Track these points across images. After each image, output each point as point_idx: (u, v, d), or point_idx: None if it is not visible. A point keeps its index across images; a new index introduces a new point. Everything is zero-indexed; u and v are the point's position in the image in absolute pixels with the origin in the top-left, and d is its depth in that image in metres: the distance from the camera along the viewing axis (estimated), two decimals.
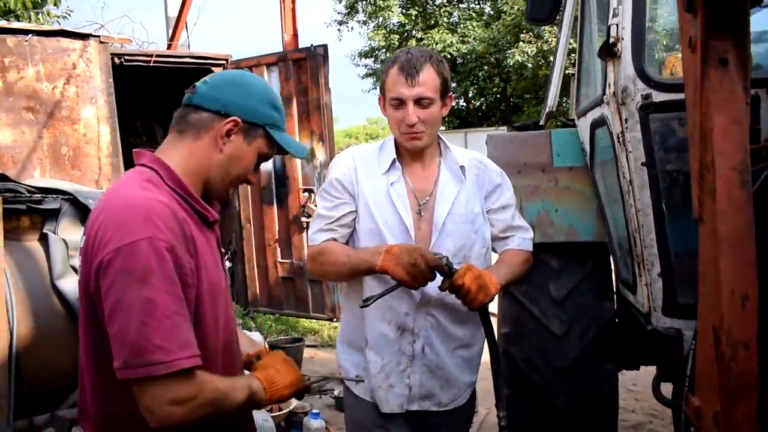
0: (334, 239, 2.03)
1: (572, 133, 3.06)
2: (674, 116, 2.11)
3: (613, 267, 2.95)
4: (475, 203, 2.05)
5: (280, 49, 6.86)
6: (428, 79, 1.91)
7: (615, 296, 3.01)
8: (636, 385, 4.77)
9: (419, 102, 1.91)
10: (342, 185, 2.02)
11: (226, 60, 6.65)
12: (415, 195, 2.02)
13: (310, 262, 2.09)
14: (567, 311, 2.76)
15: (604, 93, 2.30)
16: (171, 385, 1.30)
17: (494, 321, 2.10)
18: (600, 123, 2.48)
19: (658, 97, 2.11)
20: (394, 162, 2.02)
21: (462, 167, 2.04)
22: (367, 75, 21.47)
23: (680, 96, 1.51)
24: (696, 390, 1.45)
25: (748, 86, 1.40)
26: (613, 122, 2.25)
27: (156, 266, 1.30)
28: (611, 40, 2.12)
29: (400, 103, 1.93)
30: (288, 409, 4.16)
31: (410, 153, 2.02)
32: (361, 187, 2.02)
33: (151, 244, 1.31)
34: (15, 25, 4.89)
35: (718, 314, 1.31)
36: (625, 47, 2.10)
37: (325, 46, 6.04)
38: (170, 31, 9.16)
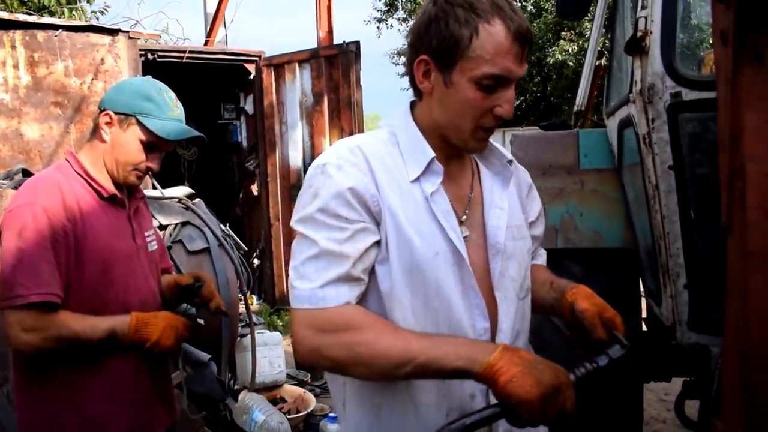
0: (357, 298, 1.27)
1: (601, 134, 2.93)
2: (706, 116, 2.00)
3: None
4: (522, 212, 1.48)
5: (316, 43, 6.87)
6: None
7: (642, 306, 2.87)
8: (668, 395, 4.62)
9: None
10: (360, 200, 1.25)
11: (259, 57, 6.68)
12: (454, 208, 1.34)
13: (309, 339, 1.23)
14: None
15: (630, 91, 2.17)
16: (26, 315, 1.65)
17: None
18: (627, 123, 2.35)
19: (689, 95, 1.98)
20: (431, 163, 1.31)
21: (510, 161, 1.43)
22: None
23: (713, 94, 1.39)
24: (721, 414, 1.38)
25: None
26: (639, 122, 2.12)
27: (30, 223, 1.68)
28: (639, 33, 1.99)
29: (496, 84, 1.24)
30: (306, 412, 4.12)
31: (447, 150, 1.36)
32: (388, 201, 1.27)
33: (30, 207, 1.70)
34: (45, 20, 4.95)
35: (746, 335, 1.23)
36: (654, 41, 1.98)
37: (357, 43, 6.02)
38: (208, 28, 9.29)
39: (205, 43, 8.70)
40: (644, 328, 3.02)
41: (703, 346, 2.03)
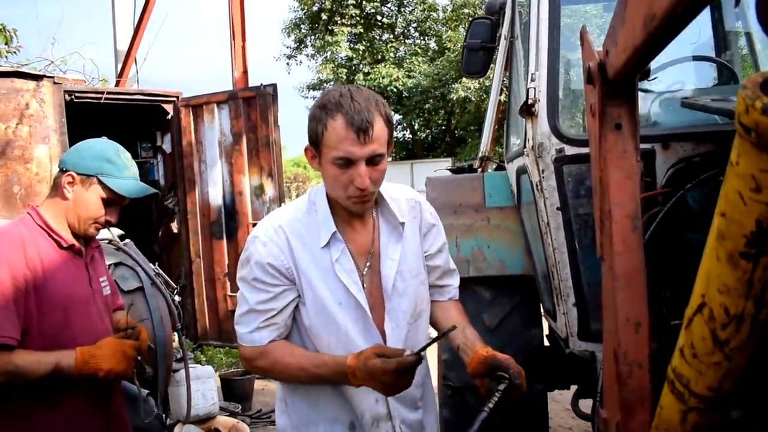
0: (277, 336, 1.74)
1: (503, 176, 3.37)
2: (584, 167, 2.41)
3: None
4: (418, 252, 1.84)
5: (230, 81, 7.05)
6: (380, 133, 1.59)
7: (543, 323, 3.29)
8: None
9: (371, 160, 1.60)
10: (278, 271, 1.69)
11: (177, 97, 6.79)
12: (356, 262, 1.75)
13: (246, 363, 1.80)
14: (500, 338, 3.00)
15: (525, 146, 2.61)
16: None
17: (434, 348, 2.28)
18: (523, 170, 2.78)
19: (570, 150, 2.40)
20: (334, 234, 1.71)
21: (402, 224, 1.79)
22: None
23: (588, 150, 1.72)
24: (603, 403, 1.68)
25: (638, 146, 1.60)
26: (532, 171, 2.55)
27: None
28: (529, 101, 2.42)
29: (347, 163, 1.59)
30: None
31: (348, 211, 1.73)
32: (302, 267, 1.71)
33: None
34: None
35: (616, 339, 1.52)
36: (541, 108, 2.41)
37: (274, 86, 6.24)
38: (119, 65, 9.21)
39: (117, 83, 8.64)
40: (546, 343, 3.45)
41: (590, 353, 2.45)
